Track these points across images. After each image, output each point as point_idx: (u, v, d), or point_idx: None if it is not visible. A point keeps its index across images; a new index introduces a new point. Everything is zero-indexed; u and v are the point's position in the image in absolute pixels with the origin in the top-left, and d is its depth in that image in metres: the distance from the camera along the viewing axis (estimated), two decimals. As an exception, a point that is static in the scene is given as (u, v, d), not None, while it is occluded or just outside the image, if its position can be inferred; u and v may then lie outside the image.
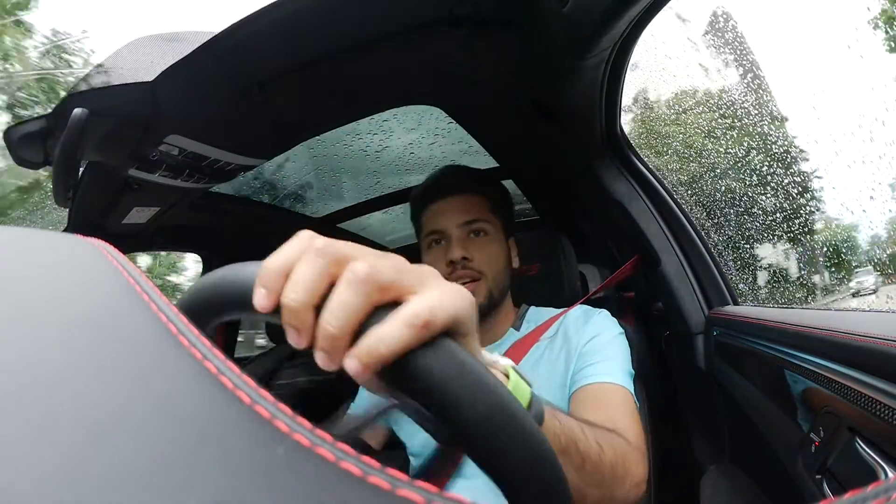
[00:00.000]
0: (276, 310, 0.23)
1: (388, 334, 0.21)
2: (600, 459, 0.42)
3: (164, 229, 1.04)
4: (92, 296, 0.18)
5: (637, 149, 0.94)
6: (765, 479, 0.69)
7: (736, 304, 0.87)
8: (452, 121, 0.92)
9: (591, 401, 0.62)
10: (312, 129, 0.89)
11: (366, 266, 0.22)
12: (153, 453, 0.11)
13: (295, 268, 0.23)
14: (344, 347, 0.22)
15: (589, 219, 1.40)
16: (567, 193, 1.28)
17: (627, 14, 0.53)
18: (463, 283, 0.73)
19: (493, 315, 0.78)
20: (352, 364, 0.22)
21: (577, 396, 0.64)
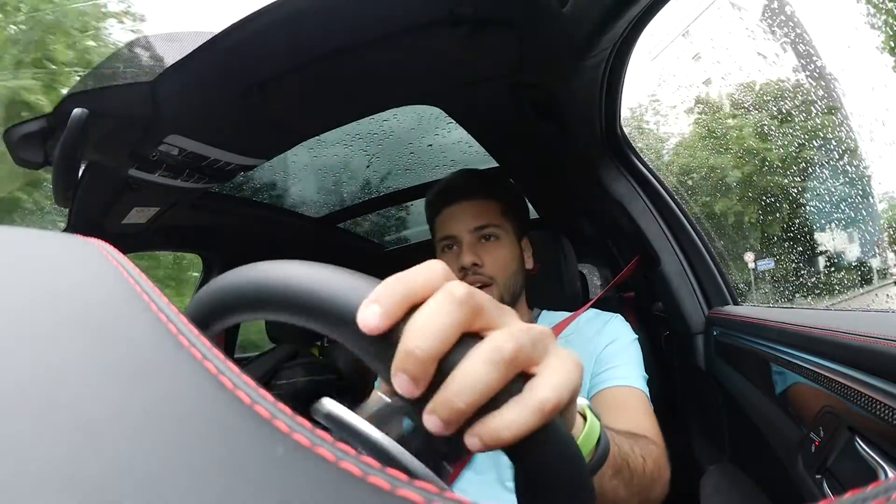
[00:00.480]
0: (367, 336, 0.20)
1: (516, 422, 0.20)
2: (644, 470, 0.44)
3: (164, 229, 1.04)
4: (92, 296, 0.18)
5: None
6: (765, 479, 0.69)
7: (736, 303, 0.88)
8: (452, 121, 0.92)
9: (612, 405, 0.64)
10: (312, 129, 0.89)
11: (512, 344, 0.21)
12: (152, 454, 0.11)
13: (428, 310, 0.21)
14: (464, 420, 0.21)
15: (589, 219, 1.40)
16: (567, 193, 1.28)
17: (627, 14, 0.53)
18: None
19: None
20: (473, 442, 0.21)
21: (598, 400, 0.66)
